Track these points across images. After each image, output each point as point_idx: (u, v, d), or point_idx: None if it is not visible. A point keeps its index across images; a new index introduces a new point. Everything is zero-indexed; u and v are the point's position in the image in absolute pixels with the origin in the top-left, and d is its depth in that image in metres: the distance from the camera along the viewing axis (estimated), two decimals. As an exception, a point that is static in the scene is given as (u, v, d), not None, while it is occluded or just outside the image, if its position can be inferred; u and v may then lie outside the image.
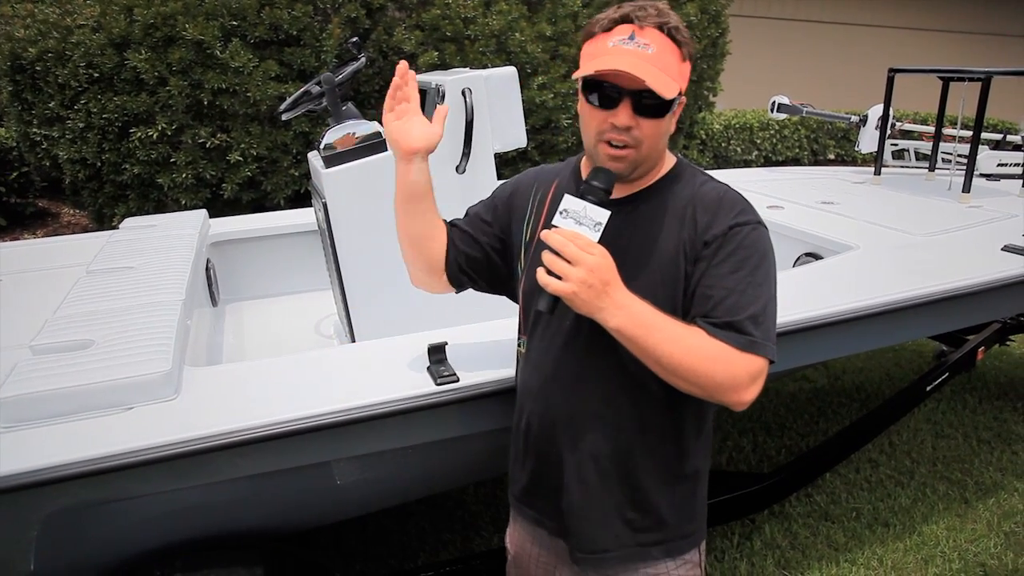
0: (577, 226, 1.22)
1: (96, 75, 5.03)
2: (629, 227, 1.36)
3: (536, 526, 1.59)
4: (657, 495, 1.43)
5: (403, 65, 1.47)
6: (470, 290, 1.69)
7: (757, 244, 1.31)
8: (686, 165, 1.43)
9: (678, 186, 1.38)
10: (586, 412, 1.42)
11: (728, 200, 1.35)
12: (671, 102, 1.27)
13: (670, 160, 1.42)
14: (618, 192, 1.35)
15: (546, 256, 1.20)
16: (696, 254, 1.31)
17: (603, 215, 1.22)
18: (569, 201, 1.23)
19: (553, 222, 1.24)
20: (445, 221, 1.64)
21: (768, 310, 1.29)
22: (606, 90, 1.27)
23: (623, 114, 1.26)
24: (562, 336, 1.42)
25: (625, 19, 1.27)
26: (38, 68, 5.05)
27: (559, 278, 1.18)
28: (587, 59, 1.29)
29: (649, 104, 1.25)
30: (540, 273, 1.20)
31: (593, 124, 1.31)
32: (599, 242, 1.22)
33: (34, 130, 5.32)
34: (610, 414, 1.40)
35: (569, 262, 1.18)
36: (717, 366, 1.23)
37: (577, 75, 1.29)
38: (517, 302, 1.56)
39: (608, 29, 1.28)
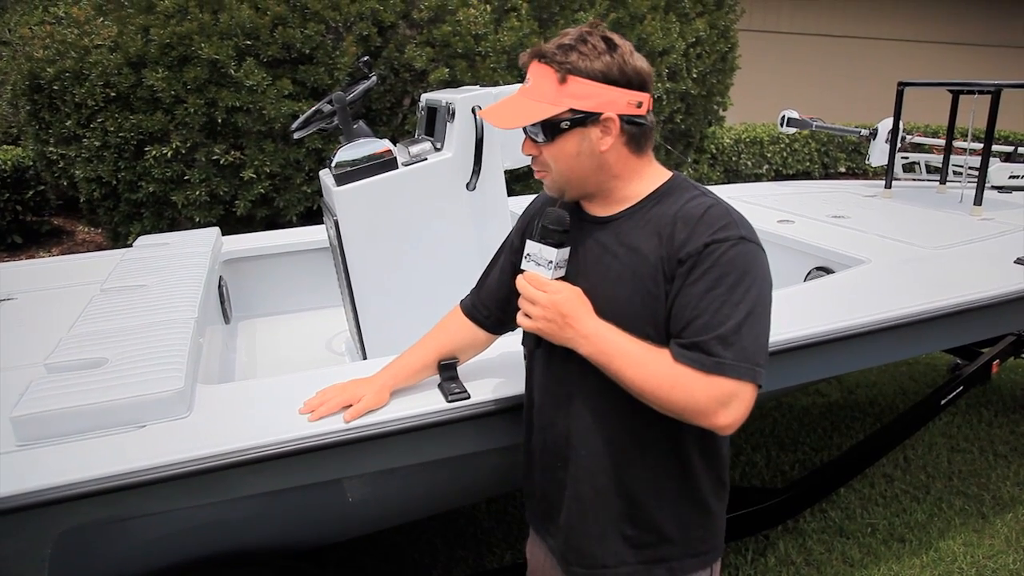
0: (536, 267, 1.34)
1: (113, 94, 5.10)
2: (614, 243, 1.37)
3: (543, 540, 1.62)
4: (660, 512, 1.42)
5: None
6: None
7: (736, 261, 1.25)
8: (680, 182, 1.40)
9: (665, 203, 1.36)
10: (581, 428, 1.43)
11: (710, 216, 1.29)
12: (554, 126, 1.30)
13: (660, 176, 1.41)
14: (605, 209, 1.41)
15: (519, 299, 1.34)
16: (672, 272, 1.28)
17: (552, 254, 1.32)
18: (530, 246, 1.36)
19: (521, 267, 1.37)
20: (461, 302, 1.76)
21: (745, 330, 1.23)
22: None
23: (526, 144, 1.38)
24: (558, 358, 1.44)
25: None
26: (56, 88, 5.13)
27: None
28: None
29: (535, 132, 1.33)
30: (519, 316, 1.35)
31: None
32: (580, 252, 1.36)
33: (51, 149, 5.39)
34: (604, 430, 1.41)
35: (531, 303, 1.31)
36: (675, 391, 1.23)
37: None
38: None
39: None
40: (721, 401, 1.22)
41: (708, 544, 1.49)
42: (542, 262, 1.32)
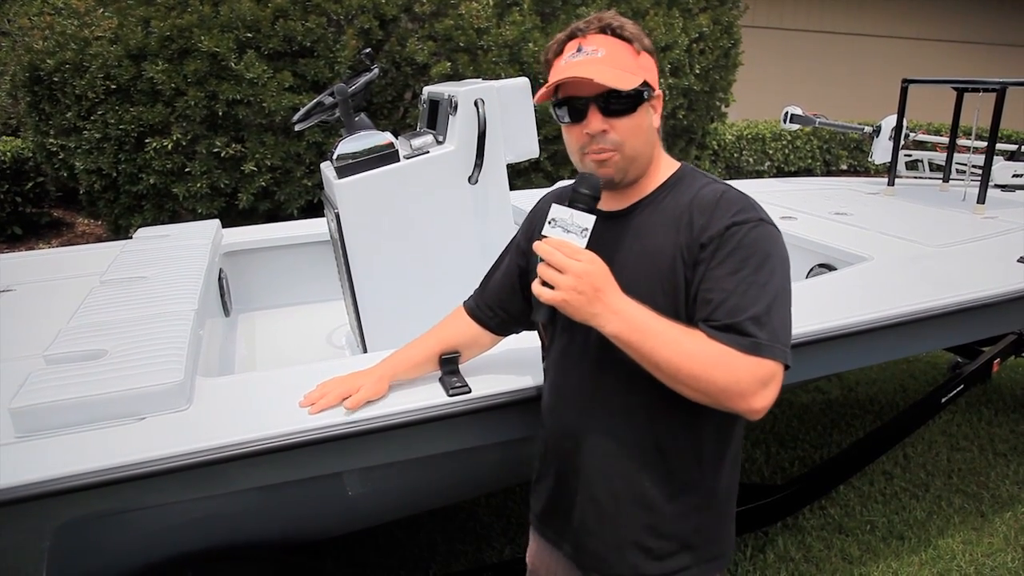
0: (565, 234, 1.22)
1: (113, 86, 5.09)
2: (629, 237, 1.35)
3: (554, 547, 1.56)
4: (679, 521, 1.38)
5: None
6: None
7: (758, 242, 1.25)
8: (689, 170, 1.40)
9: (678, 192, 1.35)
10: (597, 431, 1.39)
11: (726, 200, 1.29)
12: (639, 95, 1.27)
13: (671, 166, 1.40)
14: (618, 203, 1.38)
15: (539, 267, 1.21)
16: (694, 258, 1.26)
17: (588, 220, 1.22)
18: (556, 210, 1.25)
19: (543, 232, 1.25)
20: (465, 302, 1.73)
21: (774, 311, 1.22)
22: (572, 104, 1.29)
23: (594, 120, 1.28)
24: (573, 354, 1.41)
25: (570, 36, 1.32)
26: (56, 79, 5.12)
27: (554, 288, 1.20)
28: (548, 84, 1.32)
29: (615, 103, 1.27)
30: (535, 285, 1.22)
31: (573, 141, 1.33)
32: (591, 247, 1.22)
33: (51, 140, 5.38)
34: (621, 434, 1.37)
35: (559, 271, 1.19)
36: (718, 370, 1.18)
37: (538, 100, 1.33)
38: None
39: (560, 52, 1.33)
40: (763, 381, 1.18)
41: (724, 546, 1.46)
42: (573, 228, 1.22)
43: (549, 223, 1.24)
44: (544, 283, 1.20)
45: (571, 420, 1.44)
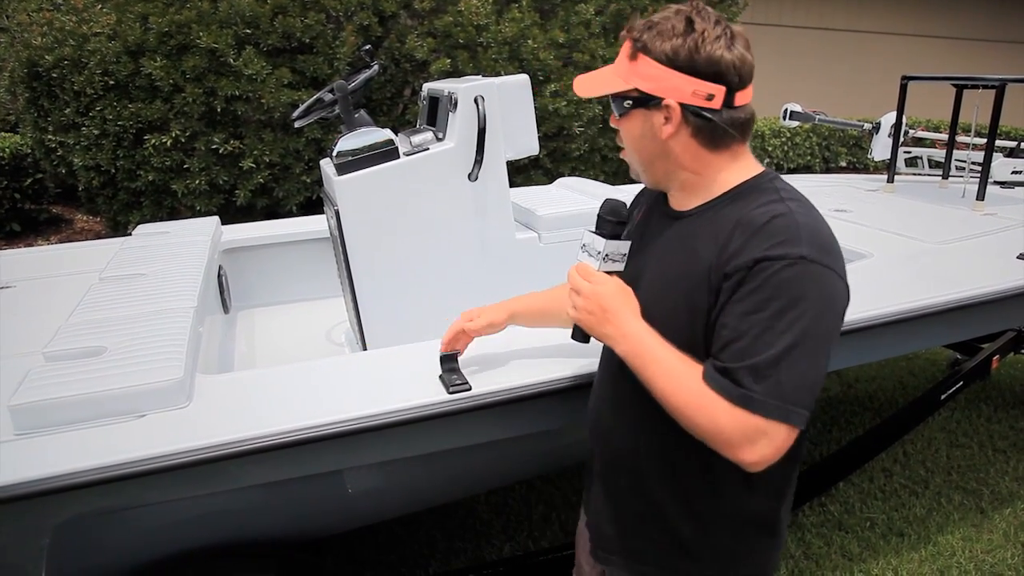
0: (588, 258, 1.31)
1: (111, 82, 5.08)
2: (679, 241, 1.29)
3: (585, 511, 1.61)
4: (687, 525, 1.35)
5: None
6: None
7: (789, 283, 1.11)
8: (763, 183, 1.27)
9: (739, 204, 1.23)
10: (612, 430, 1.43)
11: (772, 227, 1.15)
12: (620, 101, 1.28)
13: (743, 174, 1.28)
14: (684, 204, 1.32)
15: (569, 289, 1.31)
16: (717, 285, 1.17)
17: (601, 244, 1.28)
18: (585, 236, 1.33)
19: (578, 257, 1.33)
20: None
21: (785, 363, 1.09)
22: None
23: (611, 117, 1.34)
24: (607, 356, 1.45)
25: None
26: (54, 75, 5.11)
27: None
28: None
29: (614, 105, 1.30)
30: (568, 307, 1.31)
31: None
32: (654, 247, 1.29)
33: (49, 137, 5.37)
34: (633, 439, 1.38)
35: (576, 293, 1.28)
36: (700, 413, 1.14)
37: None
38: None
39: None
40: (747, 436, 1.11)
41: (735, 571, 1.38)
42: (592, 252, 1.29)
43: (581, 248, 1.33)
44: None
45: (598, 412, 1.48)
